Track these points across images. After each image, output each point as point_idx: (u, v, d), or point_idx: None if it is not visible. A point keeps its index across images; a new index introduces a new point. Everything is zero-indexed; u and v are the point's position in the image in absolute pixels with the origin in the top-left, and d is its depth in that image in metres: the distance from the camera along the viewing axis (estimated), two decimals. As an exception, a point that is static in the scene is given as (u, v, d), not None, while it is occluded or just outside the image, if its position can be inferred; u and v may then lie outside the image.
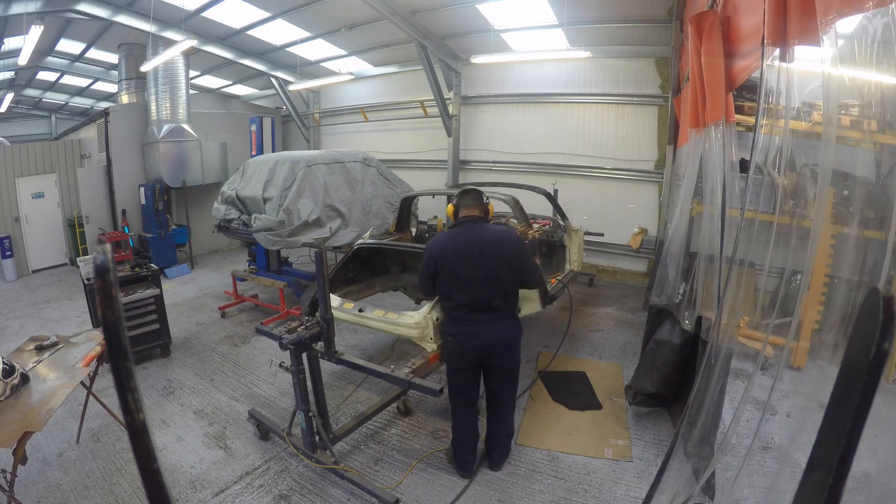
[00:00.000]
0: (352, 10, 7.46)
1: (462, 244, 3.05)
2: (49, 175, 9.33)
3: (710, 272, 3.07)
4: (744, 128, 3.50)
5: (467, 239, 3.06)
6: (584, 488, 3.18)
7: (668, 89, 7.35)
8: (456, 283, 3.04)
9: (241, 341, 5.72)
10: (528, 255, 3.13)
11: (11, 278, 8.69)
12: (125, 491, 3.16)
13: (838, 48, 1.67)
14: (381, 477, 3.32)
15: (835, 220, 3.21)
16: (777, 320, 2.38)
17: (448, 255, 3.06)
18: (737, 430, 2.27)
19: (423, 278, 3.21)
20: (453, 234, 3.16)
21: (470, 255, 3.01)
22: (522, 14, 7.21)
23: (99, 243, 1.22)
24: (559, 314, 6.21)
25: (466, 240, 3.06)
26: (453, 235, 3.14)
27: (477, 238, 3.04)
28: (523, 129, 9.09)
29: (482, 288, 2.99)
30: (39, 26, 6.41)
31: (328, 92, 11.89)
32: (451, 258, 3.04)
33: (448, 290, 3.10)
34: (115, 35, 8.81)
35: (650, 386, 3.75)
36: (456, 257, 3.03)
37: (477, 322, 3.03)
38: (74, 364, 3.20)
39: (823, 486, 0.51)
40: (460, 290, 3.03)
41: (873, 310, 0.47)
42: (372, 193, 6.93)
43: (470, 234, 3.07)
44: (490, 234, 3.07)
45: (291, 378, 3.19)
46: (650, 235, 7.97)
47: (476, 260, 2.99)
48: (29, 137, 14.49)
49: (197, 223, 9.72)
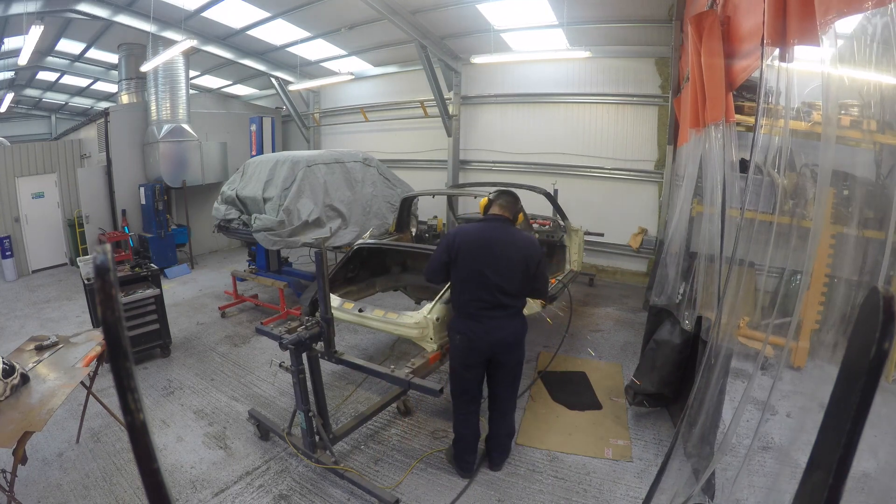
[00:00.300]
0: (352, 10, 7.46)
1: (485, 239, 3.08)
2: (49, 175, 9.33)
3: (710, 272, 3.07)
4: (744, 128, 3.50)
5: (491, 235, 3.09)
6: (584, 488, 3.18)
7: (668, 89, 7.35)
8: (472, 277, 3.05)
9: (241, 341, 5.72)
10: (543, 266, 3.17)
11: (11, 278, 8.69)
12: (125, 491, 3.16)
13: (838, 48, 1.67)
14: (381, 477, 3.32)
15: (835, 220, 3.22)
16: (777, 320, 2.38)
17: (470, 246, 3.07)
18: (737, 430, 2.27)
19: (435, 262, 3.18)
20: (479, 227, 3.17)
21: (490, 251, 3.04)
22: (522, 14, 7.21)
23: (99, 243, 1.22)
24: (559, 314, 6.21)
25: (490, 236, 3.09)
26: (479, 229, 3.15)
27: (500, 237, 3.09)
28: (523, 129, 9.09)
29: (497, 285, 3.03)
30: (39, 26, 6.41)
31: (328, 92, 11.89)
32: (473, 250, 3.06)
33: (463, 283, 3.11)
34: (115, 35, 8.81)
35: (650, 386, 3.75)
36: (477, 250, 3.05)
37: (487, 319, 3.05)
38: (74, 364, 3.20)
39: (823, 486, 0.51)
40: (476, 285, 3.05)
41: (873, 310, 0.47)
42: (372, 193, 6.93)
43: (495, 231, 3.11)
44: (514, 236, 3.12)
45: (291, 378, 3.19)
46: (650, 235, 7.97)
47: (495, 256, 3.03)
48: (29, 137, 14.49)
49: (197, 223, 9.72)
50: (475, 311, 3.06)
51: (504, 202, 3.23)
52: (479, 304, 3.05)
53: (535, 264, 3.08)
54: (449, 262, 3.12)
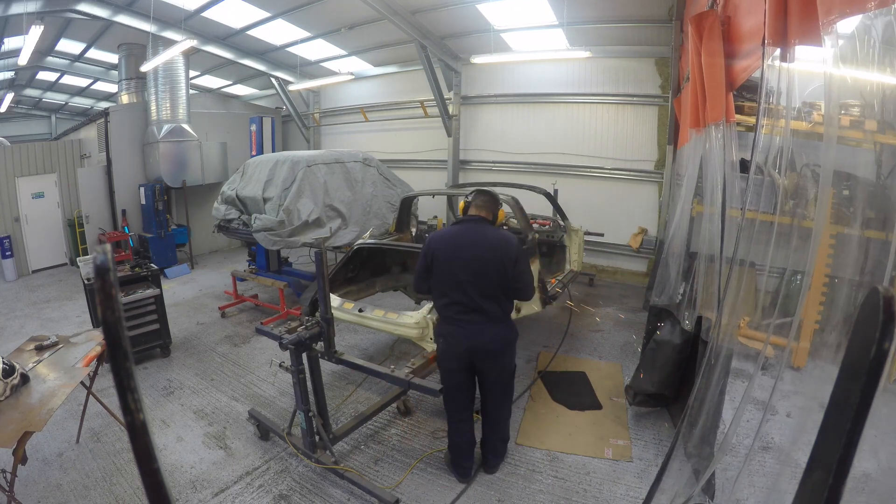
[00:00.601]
0: (352, 10, 7.46)
1: (458, 241, 3.03)
2: (49, 175, 9.33)
3: (710, 272, 3.07)
4: (744, 128, 3.51)
5: (464, 237, 3.03)
6: (584, 488, 3.18)
7: (668, 89, 7.35)
8: (447, 280, 3.01)
9: (241, 341, 5.72)
10: (523, 265, 3.03)
11: (11, 278, 8.69)
12: (125, 491, 3.16)
13: (839, 48, 1.67)
14: (380, 477, 3.32)
15: (835, 220, 3.21)
16: (777, 320, 2.38)
17: (444, 249, 3.04)
18: (737, 430, 2.28)
19: (418, 270, 3.17)
20: (453, 230, 3.14)
21: (463, 253, 2.98)
22: (522, 14, 7.20)
23: (99, 243, 1.22)
24: (559, 314, 6.21)
25: (463, 237, 3.03)
26: (452, 232, 3.13)
27: (474, 237, 3.00)
28: (523, 129, 9.09)
29: (472, 287, 2.94)
30: (39, 26, 6.41)
31: (328, 92, 11.89)
32: (446, 253, 3.02)
33: (440, 287, 3.07)
34: (115, 35, 8.81)
35: (650, 386, 3.75)
36: (451, 252, 3.00)
37: (466, 323, 2.98)
38: (74, 364, 3.20)
39: (823, 486, 0.51)
40: (451, 288, 3.00)
41: (873, 310, 0.47)
42: (372, 193, 6.93)
43: (468, 232, 3.05)
44: (488, 236, 3.01)
45: (291, 378, 3.19)
46: (650, 235, 7.97)
47: (468, 258, 2.96)
48: (29, 137, 14.49)
49: (197, 223, 9.72)
50: (454, 316, 3.01)
51: (480, 202, 3.16)
52: (457, 307, 2.99)
53: (511, 263, 2.94)
54: (428, 268, 3.08)
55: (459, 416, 3.19)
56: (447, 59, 9.00)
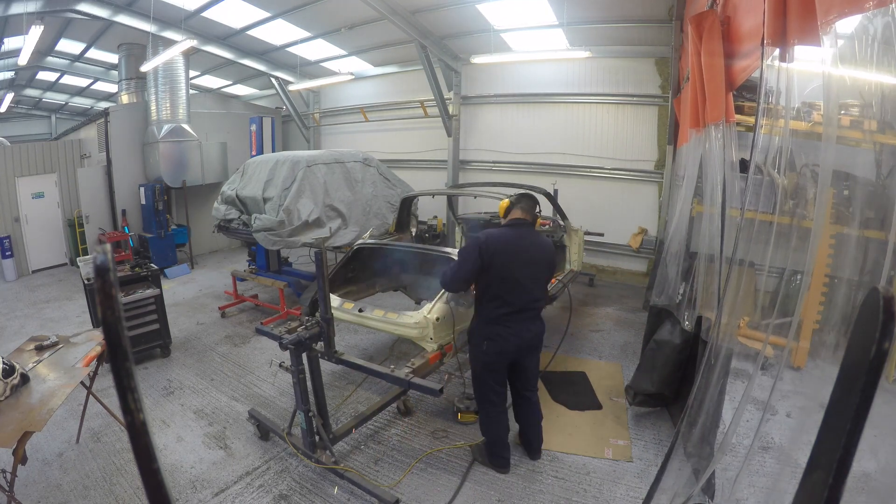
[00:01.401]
0: (352, 10, 7.47)
1: (517, 245, 3.13)
2: (49, 175, 9.33)
3: (710, 272, 3.07)
4: (744, 128, 3.50)
5: (521, 240, 3.15)
6: (584, 488, 3.18)
7: (668, 89, 7.36)
8: (508, 284, 3.07)
9: (241, 341, 5.72)
10: (554, 269, 3.33)
11: (11, 278, 8.69)
12: (125, 491, 3.16)
13: (838, 48, 1.67)
14: (380, 477, 3.32)
15: (835, 220, 3.21)
16: (777, 320, 2.38)
17: (506, 251, 3.08)
18: (737, 430, 2.27)
19: (464, 269, 3.07)
20: (507, 233, 3.18)
21: (522, 257, 3.10)
22: (522, 14, 7.21)
23: (99, 243, 1.22)
24: (559, 314, 6.21)
25: (520, 241, 3.15)
26: (509, 235, 3.17)
27: (529, 241, 3.18)
28: (523, 129, 9.09)
29: (527, 289, 3.11)
30: (39, 26, 6.41)
31: (328, 92, 11.90)
32: (508, 256, 3.07)
33: (495, 289, 3.09)
34: (115, 35, 8.82)
35: (650, 386, 3.75)
36: (511, 256, 3.08)
37: (514, 323, 3.11)
38: (74, 364, 3.20)
39: (823, 486, 0.51)
40: (508, 290, 3.08)
41: (873, 310, 0.47)
42: (372, 193, 6.93)
43: (523, 236, 3.18)
44: (538, 240, 3.24)
45: (291, 378, 3.19)
46: (650, 235, 7.97)
47: (526, 260, 3.11)
48: (29, 137, 14.50)
49: (197, 223, 9.72)
50: (503, 317, 3.10)
51: (526, 205, 3.28)
52: (509, 308, 3.09)
53: (549, 266, 3.26)
54: (481, 269, 3.08)
55: (499, 410, 3.30)
56: (447, 59, 9.00)
